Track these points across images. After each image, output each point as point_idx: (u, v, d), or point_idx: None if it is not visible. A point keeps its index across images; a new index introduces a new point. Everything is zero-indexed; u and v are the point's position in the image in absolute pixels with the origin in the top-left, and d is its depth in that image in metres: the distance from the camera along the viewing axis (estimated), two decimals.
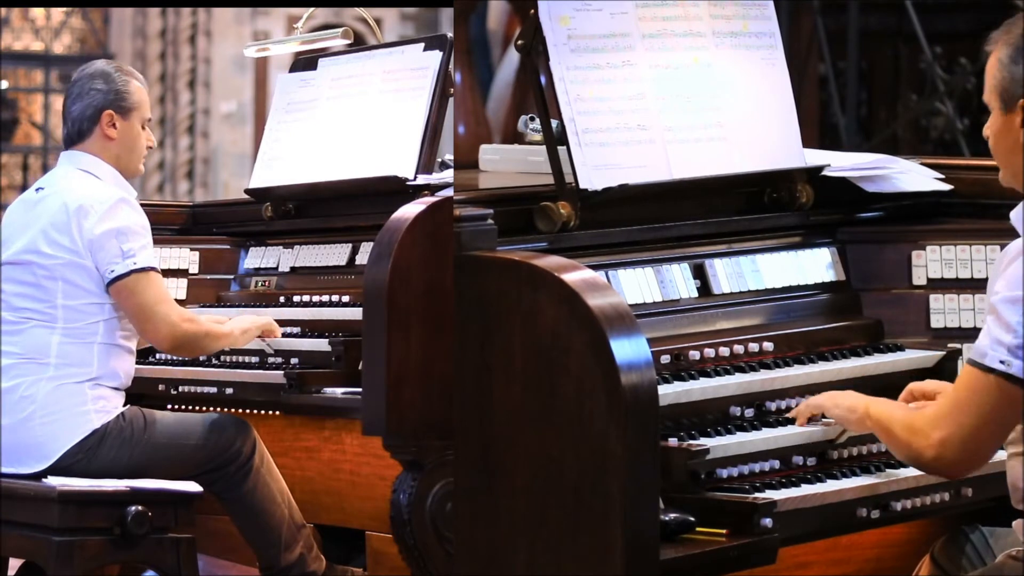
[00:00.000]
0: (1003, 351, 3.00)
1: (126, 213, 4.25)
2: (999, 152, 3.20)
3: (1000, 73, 3.15)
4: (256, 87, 15.16)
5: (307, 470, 4.57)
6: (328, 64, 4.94)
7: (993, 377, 3.01)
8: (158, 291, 4.25)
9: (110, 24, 15.97)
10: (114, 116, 4.36)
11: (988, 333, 3.03)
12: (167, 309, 4.24)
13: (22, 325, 4.26)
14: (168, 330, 4.23)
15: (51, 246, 4.24)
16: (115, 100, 4.37)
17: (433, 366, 3.47)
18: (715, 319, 3.68)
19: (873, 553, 3.78)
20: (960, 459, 3.08)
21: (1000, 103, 3.15)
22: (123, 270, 4.20)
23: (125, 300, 4.22)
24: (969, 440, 3.05)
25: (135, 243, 4.22)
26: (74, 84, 4.40)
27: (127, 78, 4.40)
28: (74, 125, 4.37)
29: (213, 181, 15.25)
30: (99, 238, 4.20)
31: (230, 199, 9.48)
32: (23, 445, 4.20)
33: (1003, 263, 3.07)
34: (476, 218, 3.31)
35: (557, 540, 3.09)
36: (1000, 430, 3.07)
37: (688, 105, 3.76)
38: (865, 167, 4.00)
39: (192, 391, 4.59)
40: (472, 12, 8.97)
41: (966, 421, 3.04)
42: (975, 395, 3.04)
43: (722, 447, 3.31)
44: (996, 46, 3.18)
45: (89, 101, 4.36)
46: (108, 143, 4.37)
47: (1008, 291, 3.02)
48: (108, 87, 4.37)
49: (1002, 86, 3.15)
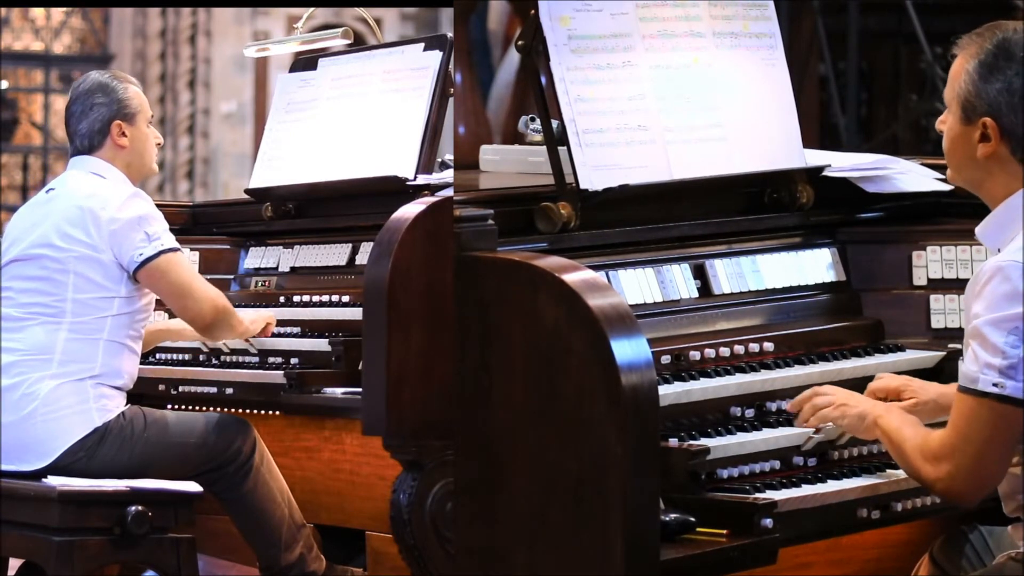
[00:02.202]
0: (994, 374, 3.00)
1: (143, 203, 4.32)
2: (952, 156, 3.21)
3: (965, 84, 3.15)
4: (256, 87, 15.17)
5: (307, 470, 4.57)
6: (328, 64, 4.94)
7: (988, 401, 3.01)
8: (190, 268, 4.36)
9: (110, 24, 15.97)
10: (122, 125, 4.42)
11: (976, 359, 3.02)
12: (203, 284, 4.32)
13: (27, 322, 4.27)
14: (210, 304, 4.30)
15: (64, 239, 4.26)
16: (120, 109, 4.43)
17: (433, 366, 3.47)
18: (715, 319, 3.68)
19: (873, 553, 3.78)
20: (971, 489, 3.08)
21: (961, 112, 3.16)
22: (152, 251, 4.25)
23: (159, 280, 4.27)
24: (977, 469, 3.05)
25: (158, 227, 4.29)
26: (75, 102, 4.45)
27: (124, 85, 4.46)
28: (83, 140, 4.43)
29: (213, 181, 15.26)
30: (121, 228, 4.25)
31: (230, 199, 9.48)
32: (24, 442, 4.20)
33: (978, 284, 3.06)
34: (476, 218, 3.31)
35: (557, 540, 3.09)
36: (1005, 452, 3.07)
37: (688, 105, 3.76)
38: (865, 167, 4.00)
39: (192, 391, 4.59)
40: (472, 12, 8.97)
41: (971, 451, 3.04)
42: (975, 423, 3.03)
43: (722, 447, 3.31)
44: (964, 52, 3.18)
45: (95, 116, 4.41)
46: (120, 151, 4.43)
47: (989, 313, 3.02)
48: (110, 98, 4.42)
49: (966, 97, 3.15)
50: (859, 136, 9.32)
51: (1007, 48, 3.15)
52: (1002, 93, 3.12)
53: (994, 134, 3.13)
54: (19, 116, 16.47)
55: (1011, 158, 3.13)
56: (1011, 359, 2.99)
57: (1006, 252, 3.07)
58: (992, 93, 3.13)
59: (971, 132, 3.15)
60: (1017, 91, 3.12)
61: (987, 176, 3.17)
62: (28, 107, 16.55)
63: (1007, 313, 3.00)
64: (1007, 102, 3.12)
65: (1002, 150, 3.13)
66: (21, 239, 4.35)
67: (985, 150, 3.14)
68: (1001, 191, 3.15)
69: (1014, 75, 3.13)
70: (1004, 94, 3.12)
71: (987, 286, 3.03)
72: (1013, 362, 2.99)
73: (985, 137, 3.13)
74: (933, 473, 3.09)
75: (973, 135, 3.15)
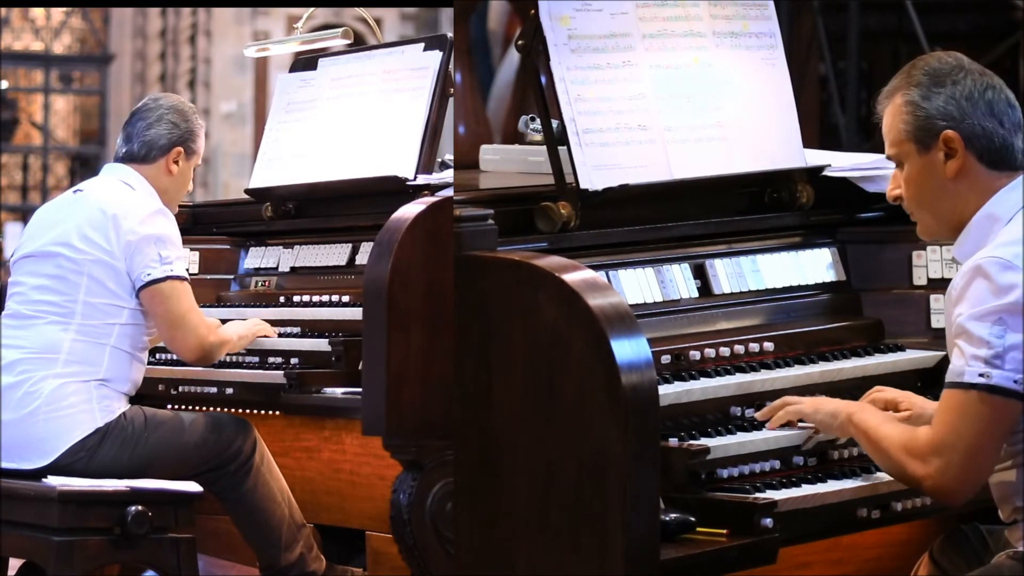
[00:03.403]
0: (980, 364, 3.00)
1: (165, 222, 4.33)
2: (923, 202, 3.21)
3: (911, 115, 3.17)
4: (256, 87, 15.18)
5: (307, 470, 4.57)
6: (328, 64, 4.94)
7: (975, 393, 3.01)
8: (190, 301, 4.32)
9: (110, 24, 15.98)
10: (181, 153, 4.45)
11: (962, 354, 3.03)
12: (197, 320, 4.31)
13: (36, 320, 4.27)
14: (197, 342, 4.29)
15: (83, 241, 4.27)
16: (187, 139, 4.48)
17: (433, 366, 3.47)
18: (715, 319, 3.68)
19: (873, 553, 3.77)
20: (961, 485, 3.06)
21: (916, 145, 3.17)
22: (160, 275, 4.25)
23: (158, 305, 4.26)
24: (968, 463, 3.04)
25: (172, 252, 4.29)
26: (147, 108, 4.48)
27: (200, 122, 4.54)
28: (142, 148, 4.44)
29: (213, 181, 15.26)
30: (138, 242, 4.25)
31: (230, 199, 9.48)
32: (26, 440, 4.20)
33: (956, 289, 3.08)
34: (476, 218, 3.31)
35: (557, 540, 3.09)
36: (995, 444, 3.06)
37: (688, 105, 3.76)
38: (865, 167, 4.00)
39: (192, 391, 4.59)
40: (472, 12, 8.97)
41: (961, 445, 3.03)
42: (963, 416, 3.03)
43: (722, 447, 3.31)
44: (897, 94, 3.20)
45: (164, 131, 4.45)
46: (165, 176, 4.45)
47: (972, 308, 3.02)
48: (186, 125, 4.48)
49: (916, 126, 3.16)
50: (859, 136, 9.32)
51: (934, 70, 3.18)
52: (949, 102, 3.14)
53: (958, 144, 3.14)
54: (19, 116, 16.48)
55: (978, 166, 3.14)
56: (996, 348, 2.99)
57: (982, 251, 3.07)
58: (939, 105, 3.15)
59: (933, 158, 3.16)
60: (962, 95, 3.14)
61: (958, 201, 3.17)
62: (28, 107, 16.56)
63: (990, 306, 3.01)
64: (957, 107, 3.14)
65: (969, 160, 3.14)
66: (39, 235, 4.37)
67: (953, 166, 3.14)
68: (974, 210, 3.15)
69: (951, 84, 3.15)
70: (952, 102, 3.14)
71: (968, 287, 3.04)
72: (999, 351, 2.99)
73: (949, 153, 3.14)
74: (922, 470, 3.07)
75: (936, 159, 3.16)
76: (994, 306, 3.01)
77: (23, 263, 4.36)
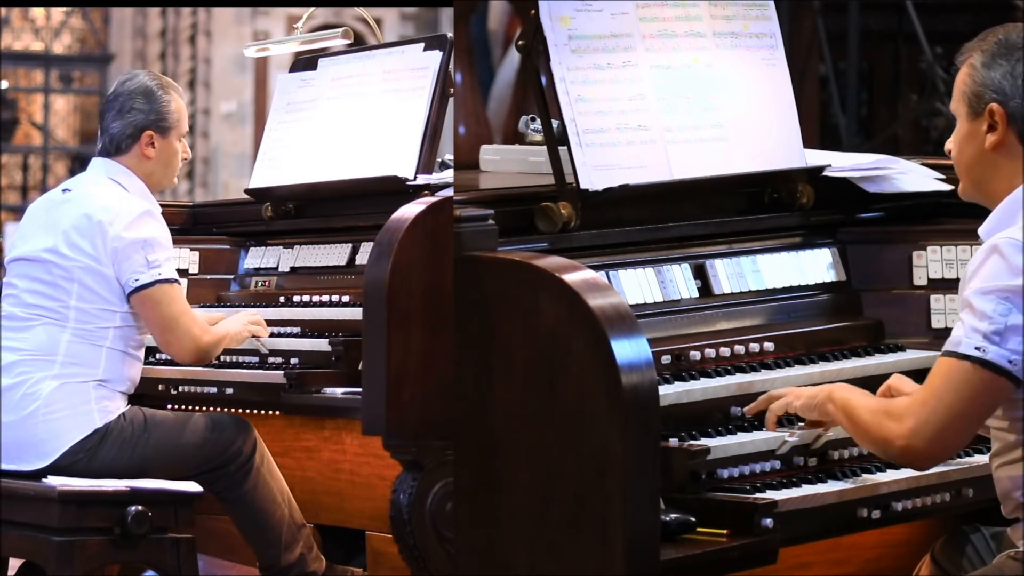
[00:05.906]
0: (978, 337, 3.01)
1: (152, 225, 4.29)
2: (962, 163, 3.24)
3: (971, 79, 3.20)
4: (256, 87, 15.17)
5: (307, 470, 4.57)
6: (328, 64, 4.94)
7: (968, 364, 3.01)
8: (182, 303, 4.30)
9: (110, 24, 15.98)
10: (153, 136, 4.41)
11: (962, 325, 3.04)
12: (189, 322, 4.28)
13: (32, 322, 4.27)
14: (191, 344, 4.28)
15: (71, 249, 4.25)
16: (155, 120, 4.41)
17: (433, 366, 3.47)
18: (716, 319, 3.68)
19: (873, 553, 3.77)
20: (930, 449, 3.06)
21: (968, 109, 3.20)
22: (148, 280, 4.23)
23: (149, 310, 4.25)
24: (942, 429, 3.03)
25: (160, 255, 4.26)
26: (115, 98, 4.42)
27: (168, 96, 4.44)
28: (112, 141, 4.41)
29: (213, 181, 15.26)
30: (125, 248, 4.23)
31: (230, 199, 9.47)
32: (25, 442, 4.20)
33: (973, 265, 3.09)
34: (476, 218, 3.31)
35: (557, 540, 3.09)
36: (974, 419, 3.06)
37: (688, 105, 3.76)
38: (866, 167, 4.00)
39: (192, 391, 4.59)
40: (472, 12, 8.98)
41: (940, 408, 3.03)
42: (949, 383, 3.03)
43: (723, 447, 3.31)
44: (970, 55, 3.22)
45: (130, 120, 4.39)
46: (145, 161, 4.41)
47: (981, 283, 3.03)
48: (149, 107, 4.40)
49: (972, 90, 3.19)
50: (859, 136, 9.33)
51: (1007, 41, 3.20)
52: (1006, 77, 3.16)
53: (1001, 120, 3.15)
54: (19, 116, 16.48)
55: (1018, 146, 3.15)
56: (997, 325, 3.00)
57: (1003, 232, 3.08)
58: (996, 79, 3.17)
59: (979, 126, 3.18)
60: (1020, 73, 3.15)
61: (993, 173, 3.18)
62: (28, 107, 16.56)
63: (1000, 284, 3.02)
64: (1011, 85, 3.16)
65: (1009, 138, 3.16)
66: (31, 236, 4.35)
67: (993, 139, 3.16)
68: (1006, 186, 3.16)
69: (1016, 61, 3.17)
70: (1008, 78, 3.16)
71: (983, 265, 3.05)
72: (999, 328, 3.00)
73: (992, 127, 3.16)
74: (895, 430, 3.06)
75: (981, 128, 3.18)
76: (1004, 284, 3.01)
77: (16, 265, 4.35)
